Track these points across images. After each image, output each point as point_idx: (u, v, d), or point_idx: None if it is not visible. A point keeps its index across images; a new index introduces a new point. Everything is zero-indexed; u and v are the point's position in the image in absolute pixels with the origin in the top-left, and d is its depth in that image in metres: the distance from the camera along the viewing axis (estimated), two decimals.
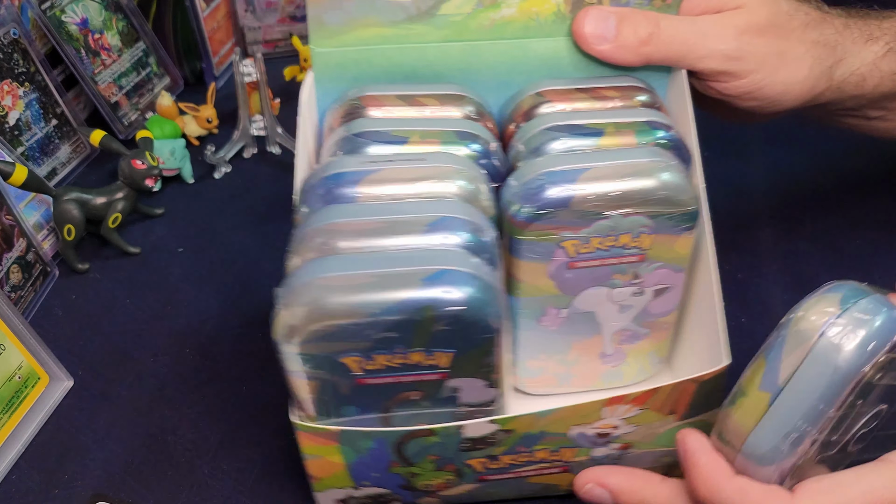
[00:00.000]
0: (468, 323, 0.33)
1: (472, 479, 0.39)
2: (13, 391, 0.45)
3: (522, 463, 0.39)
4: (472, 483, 0.40)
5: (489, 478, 0.39)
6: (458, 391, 0.36)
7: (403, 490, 0.40)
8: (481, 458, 0.38)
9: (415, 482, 0.39)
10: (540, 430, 0.37)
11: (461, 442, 0.36)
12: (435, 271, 0.32)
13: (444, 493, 0.40)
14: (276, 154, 0.67)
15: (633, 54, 0.41)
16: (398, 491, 0.40)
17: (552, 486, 0.41)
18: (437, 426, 0.36)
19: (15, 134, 0.58)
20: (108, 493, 0.42)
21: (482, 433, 0.36)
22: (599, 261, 0.39)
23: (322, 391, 0.35)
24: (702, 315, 0.42)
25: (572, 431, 0.37)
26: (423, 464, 0.38)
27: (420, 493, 0.40)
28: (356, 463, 0.38)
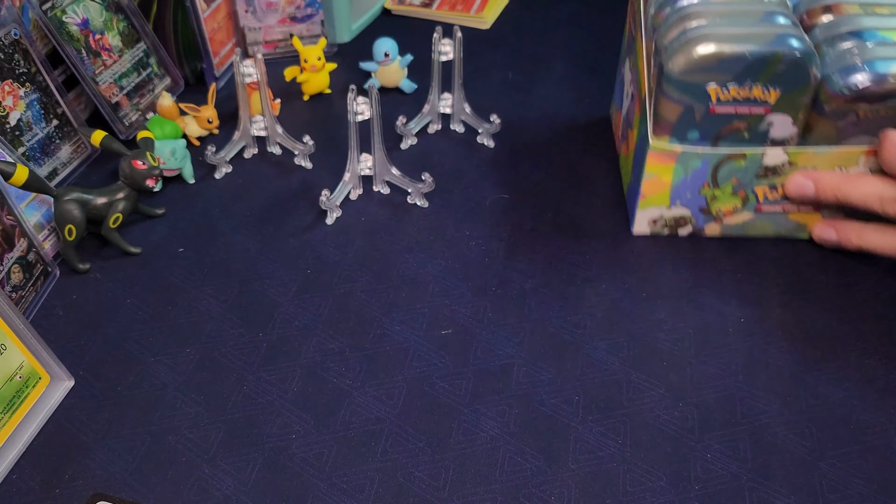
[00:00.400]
0: (799, 67, 0.49)
1: (751, 208, 0.56)
2: (14, 391, 0.45)
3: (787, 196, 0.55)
4: (751, 212, 0.56)
5: (764, 208, 0.56)
6: (771, 126, 0.52)
7: (700, 213, 0.56)
8: (766, 187, 0.54)
9: (712, 205, 0.56)
10: (812, 165, 0.53)
11: (758, 168, 0.53)
12: (783, 32, 0.49)
13: (727, 221, 0.57)
14: (276, 154, 0.68)
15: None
16: (696, 213, 0.57)
17: (802, 224, 0.57)
18: (748, 149, 0.53)
19: (16, 134, 0.58)
20: (109, 493, 0.42)
21: (775, 162, 0.53)
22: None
23: (683, 115, 0.51)
24: None
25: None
26: (724, 187, 0.55)
27: (710, 218, 0.57)
28: (679, 184, 0.55)
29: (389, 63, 0.73)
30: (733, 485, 0.42)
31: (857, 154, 0.52)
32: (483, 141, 0.68)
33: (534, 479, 0.43)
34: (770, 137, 0.52)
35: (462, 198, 0.62)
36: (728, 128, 0.52)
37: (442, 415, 0.46)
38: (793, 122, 0.51)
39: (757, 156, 0.53)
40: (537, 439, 0.45)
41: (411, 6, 0.89)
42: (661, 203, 0.56)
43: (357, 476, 0.43)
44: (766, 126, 0.51)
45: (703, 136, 0.52)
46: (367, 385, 0.48)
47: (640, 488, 0.42)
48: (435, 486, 0.42)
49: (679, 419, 0.46)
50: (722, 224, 0.57)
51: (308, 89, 0.74)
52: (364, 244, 0.58)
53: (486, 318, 0.52)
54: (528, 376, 0.48)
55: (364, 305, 0.53)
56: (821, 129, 0.52)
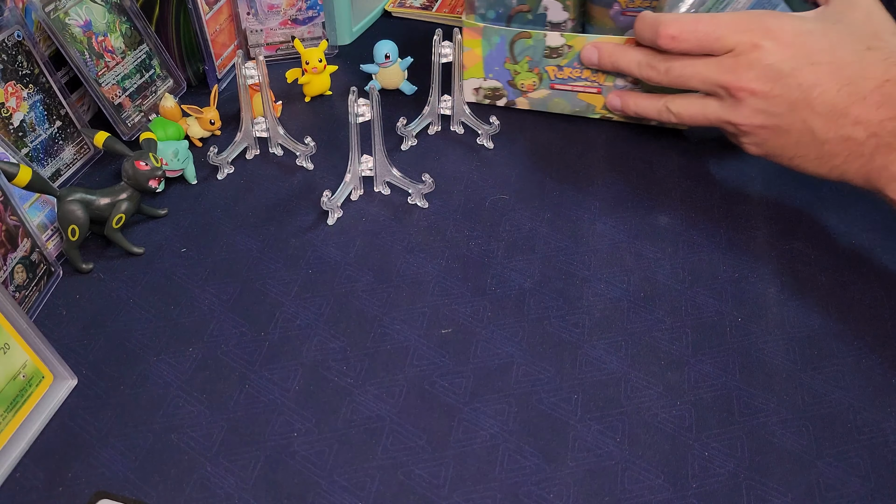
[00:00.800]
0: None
1: (546, 85, 0.68)
2: (17, 390, 0.45)
3: (576, 77, 0.66)
4: (547, 88, 0.68)
5: (557, 87, 0.68)
6: (547, 10, 0.65)
7: (509, 86, 0.69)
8: (554, 67, 0.66)
9: (516, 80, 0.69)
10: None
11: (544, 49, 0.65)
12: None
13: (531, 96, 0.69)
14: (278, 155, 0.68)
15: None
16: (506, 87, 0.70)
17: (591, 105, 0.68)
18: (532, 30, 0.65)
19: (19, 135, 0.59)
20: (112, 491, 0.43)
21: (556, 44, 0.65)
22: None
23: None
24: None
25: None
26: (522, 63, 0.67)
27: (517, 92, 0.69)
28: (488, 57, 0.68)
29: (390, 65, 0.73)
30: (731, 483, 0.42)
31: (622, 42, 0.63)
32: (483, 142, 0.69)
33: (533, 476, 0.43)
34: (548, 20, 0.66)
35: (462, 198, 0.63)
36: (516, 9, 0.66)
37: (442, 413, 0.46)
38: (562, 7, 0.65)
39: (540, 36, 0.65)
40: (536, 437, 0.45)
41: (412, 8, 0.89)
42: (478, 74, 0.70)
43: (358, 474, 0.43)
44: (543, 10, 0.65)
45: (498, 15, 0.67)
46: (368, 384, 0.48)
47: (638, 486, 0.43)
48: (435, 484, 0.43)
49: (677, 417, 0.46)
50: (528, 98, 0.70)
51: (309, 91, 0.74)
52: (365, 244, 0.58)
53: (486, 318, 0.52)
54: (528, 375, 0.49)
55: (365, 305, 0.53)
56: (598, 18, 0.66)
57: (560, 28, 0.66)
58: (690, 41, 0.56)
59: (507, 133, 0.69)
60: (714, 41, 0.55)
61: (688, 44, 0.56)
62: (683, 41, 0.56)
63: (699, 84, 0.57)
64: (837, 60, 0.52)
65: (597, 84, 0.66)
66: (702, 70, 0.56)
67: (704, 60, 0.56)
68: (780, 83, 0.53)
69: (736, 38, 0.54)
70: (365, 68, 0.75)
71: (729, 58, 0.54)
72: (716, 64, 0.55)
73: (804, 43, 0.53)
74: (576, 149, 0.68)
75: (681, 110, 0.60)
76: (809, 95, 0.52)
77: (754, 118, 0.55)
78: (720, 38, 0.55)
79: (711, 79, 0.56)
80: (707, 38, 0.55)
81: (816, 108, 0.52)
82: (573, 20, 0.66)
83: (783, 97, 0.53)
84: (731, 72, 0.54)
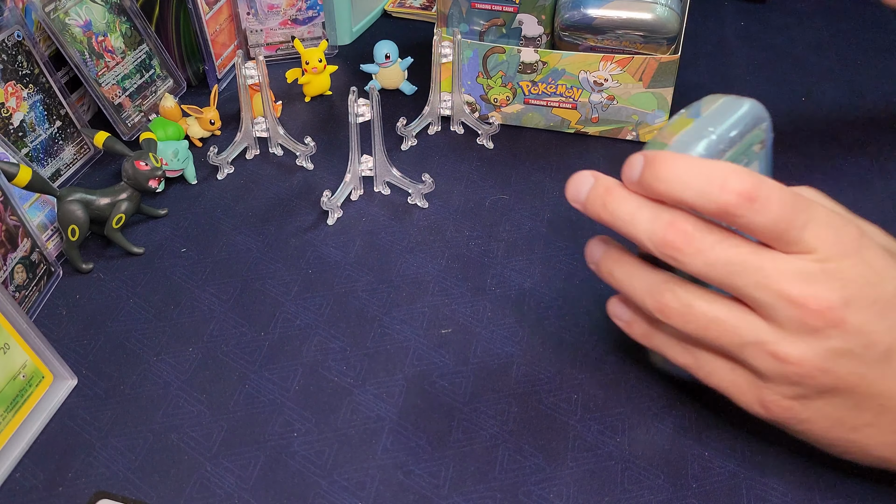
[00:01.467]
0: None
1: (520, 100, 0.67)
2: (17, 390, 0.45)
3: (550, 93, 0.66)
4: (520, 104, 0.68)
5: (531, 101, 0.67)
6: (522, 24, 0.64)
7: (482, 100, 0.69)
8: (527, 82, 0.66)
9: (489, 94, 0.68)
10: (562, 67, 0.64)
11: (518, 64, 0.65)
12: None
13: (504, 110, 0.69)
14: (278, 155, 0.68)
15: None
16: (479, 101, 0.69)
17: (566, 120, 0.68)
18: (506, 46, 0.65)
19: (19, 135, 0.59)
20: (112, 491, 0.43)
21: (530, 60, 0.65)
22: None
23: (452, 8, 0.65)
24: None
25: (581, 74, 0.64)
26: (495, 78, 0.67)
27: (490, 107, 0.69)
28: (461, 71, 0.67)
29: (390, 65, 0.73)
30: (731, 482, 0.42)
31: (597, 59, 0.63)
32: (482, 142, 0.69)
33: (533, 476, 0.43)
34: (523, 35, 0.65)
35: (462, 198, 0.63)
36: (490, 23, 0.65)
37: (442, 413, 0.46)
38: (538, 22, 0.64)
39: (514, 52, 0.65)
40: (536, 437, 0.45)
41: (411, 8, 0.89)
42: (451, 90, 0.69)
43: (358, 474, 0.43)
44: (518, 24, 0.64)
45: (471, 29, 0.66)
46: (368, 383, 0.48)
47: (638, 486, 0.43)
48: (435, 484, 0.43)
49: (677, 418, 0.46)
50: (501, 112, 0.69)
51: (309, 91, 0.75)
52: (365, 244, 0.58)
53: (486, 318, 0.52)
54: (527, 375, 0.49)
55: (365, 305, 0.53)
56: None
57: (534, 43, 0.65)
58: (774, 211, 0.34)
59: (507, 133, 0.69)
60: (801, 227, 0.34)
61: (767, 215, 0.34)
62: (764, 209, 0.34)
63: (749, 287, 0.35)
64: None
65: (572, 100, 0.66)
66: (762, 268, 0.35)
67: (770, 257, 0.35)
68: (879, 315, 0.35)
69: (827, 236, 0.35)
70: (365, 68, 0.75)
71: (811, 262, 0.34)
72: (785, 266, 0.35)
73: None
74: (575, 149, 0.68)
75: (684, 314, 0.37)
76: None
77: (828, 361, 0.35)
78: (811, 225, 0.34)
79: (772, 285, 0.34)
80: (795, 218, 0.34)
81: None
82: (548, 35, 0.65)
83: (881, 335, 0.35)
84: (811, 282, 0.34)
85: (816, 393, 0.36)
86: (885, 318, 0.35)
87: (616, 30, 0.61)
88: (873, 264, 0.35)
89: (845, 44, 0.83)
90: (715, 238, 0.35)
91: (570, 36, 0.63)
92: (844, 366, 0.35)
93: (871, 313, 0.34)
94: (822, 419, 0.37)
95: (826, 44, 0.83)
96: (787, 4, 0.90)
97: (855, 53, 0.81)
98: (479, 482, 0.43)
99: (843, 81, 0.76)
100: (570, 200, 0.40)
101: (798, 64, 0.79)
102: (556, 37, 0.65)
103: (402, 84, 0.75)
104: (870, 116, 0.71)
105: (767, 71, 0.78)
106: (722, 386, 0.39)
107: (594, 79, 0.65)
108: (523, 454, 0.44)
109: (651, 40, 0.62)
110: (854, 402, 0.36)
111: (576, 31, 0.63)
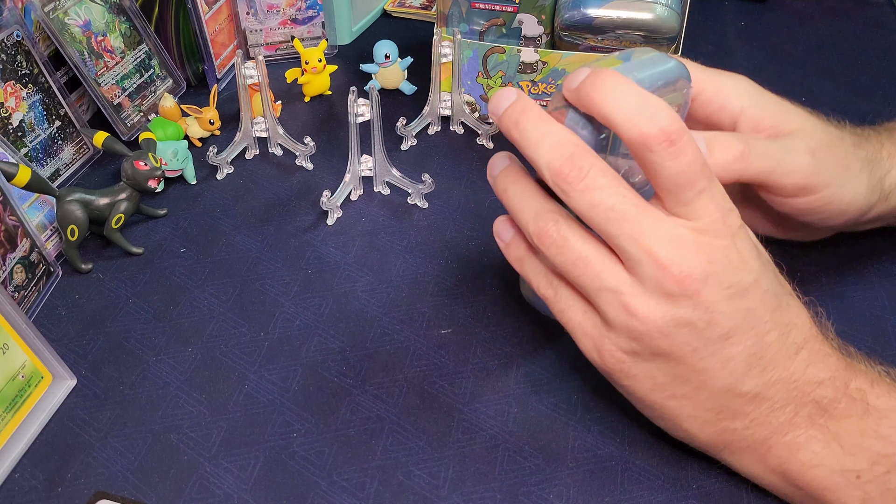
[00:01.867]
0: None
1: None
2: (16, 390, 0.45)
3: (551, 93, 0.66)
4: None
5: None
6: (521, 24, 0.64)
7: (482, 100, 0.69)
8: (528, 82, 0.66)
9: (489, 95, 0.67)
10: (562, 67, 0.64)
11: (518, 64, 0.65)
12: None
13: None
14: (277, 155, 0.68)
15: (727, 171, 0.42)
16: (479, 101, 0.69)
17: None
18: (506, 46, 0.65)
19: (18, 135, 0.59)
20: (111, 491, 0.43)
21: (530, 59, 0.65)
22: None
23: (452, 8, 0.65)
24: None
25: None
26: (495, 78, 0.67)
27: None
28: (461, 71, 0.66)
29: (390, 65, 0.73)
30: (731, 483, 0.42)
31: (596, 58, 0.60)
32: (482, 142, 0.69)
33: (533, 477, 0.43)
34: (523, 35, 0.64)
35: (462, 198, 0.63)
36: (490, 23, 0.65)
37: (442, 413, 0.46)
38: (538, 21, 0.63)
39: (514, 51, 0.65)
40: (536, 438, 0.45)
41: (411, 8, 0.89)
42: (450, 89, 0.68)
43: (357, 474, 0.43)
44: (518, 24, 0.64)
45: (471, 29, 0.66)
46: (368, 384, 0.48)
47: (638, 486, 0.42)
48: (434, 485, 0.43)
49: None
50: None
51: (309, 91, 0.74)
52: (364, 244, 0.58)
53: (486, 318, 0.52)
54: (528, 375, 0.48)
55: (364, 305, 0.53)
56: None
57: (534, 43, 0.65)
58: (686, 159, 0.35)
59: None
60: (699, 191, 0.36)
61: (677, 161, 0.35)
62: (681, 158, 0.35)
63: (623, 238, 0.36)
64: (778, 296, 0.38)
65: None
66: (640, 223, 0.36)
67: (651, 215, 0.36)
68: (732, 298, 0.36)
69: (713, 211, 0.36)
70: (365, 68, 0.75)
71: (688, 230, 0.36)
72: (665, 227, 0.36)
73: (761, 261, 0.38)
74: None
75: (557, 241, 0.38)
76: (753, 328, 0.37)
77: (671, 326, 0.36)
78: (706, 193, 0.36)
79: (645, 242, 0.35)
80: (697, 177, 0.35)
81: (753, 348, 0.37)
82: (548, 35, 0.65)
83: (727, 317, 0.36)
84: (681, 249, 0.35)
85: (650, 353, 0.37)
86: (733, 303, 0.36)
87: (616, 30, 0.61)
88: (742, 253, 0.36)
89: (846, 44, 0.83)
90: (606, 182, 0.36)
91: (570, 36, 0.63)
92: (684, 336, 0.36)
93: (724, 295, 0.36)
94: (647, 379, 0.39)
95: (826, 44, 0.83)
96: (787, 4, 0.90)
97: (855, 53, 0.81)
98: (478, 483, 0.43)
99: (843, 81, 0.76)
100: (490, 113, 0.41)
101: (798, 64, 0.79)
102: (556, 37, 0.65)
103: (402, 84, 0.75)
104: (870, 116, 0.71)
105: (768, 71, 0.78)
106: (570, 325, 0.40)
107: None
108: (523, 455, 0.44)
109: (651, 40, 0.62)
110: (679, 371, 0.38)
111: (576, 31, 0.63)
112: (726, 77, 0.45)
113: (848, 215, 0.47)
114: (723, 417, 0.39)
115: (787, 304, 0.38)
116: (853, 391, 0.38)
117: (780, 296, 0.38)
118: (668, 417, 0.40)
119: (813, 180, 0.44)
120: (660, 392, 0.39)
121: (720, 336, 0.36)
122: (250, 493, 0.43)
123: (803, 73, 0.78)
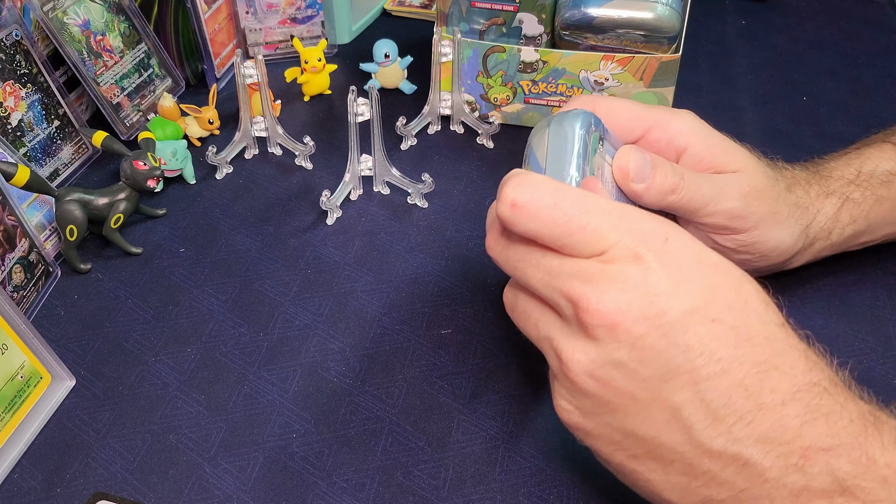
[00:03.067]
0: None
1: (520, 99, 0.67)
2: (15, 391, 0.45)
3: (551, 92, 0.66)
4: (521, 103, 0.67)
5: (531, 101, 0.67)
6: (522, 23, 0.64)
7: (482, 100, 0.69)
8: (528, 81, 0.66)
9: (489, 93, 0.68)
10: (563, 66, 0.64)
11: (518, 63, 0.65)
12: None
13: (504, 110, 0.68)
14: (276, 155, 0.68)
15: (660, 200, 0.42)
16: (479, 100, 0.69)
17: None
18: (506, 45, 0.64)
19: (17, 135, 0.59)
20: (110, 492, 0.43)
21: (530, 59, 0.64)
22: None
23: (452, 7, 0.65)
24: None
25: (581, 74, 0.64)
26: (495, 77, 0.66)
27: (491, 106, 0.69)
28: (461, 70, 0.66)
29: (389, 64, 0.73)
30: None
31: (597, 59, 0.63)
32: (482, 142, 0.68)
33: (533, 477, 0.43)
34: (523, 34, 0.64)
35: (462, 198, 0.62)
36: (490, 22, 0.65)
37: (442, 414, 0.46)
38: (538, 21, 0.63)
39: (514, 51, 0.64)
40: (536, 438, 0.45)
41: (411, 7, 0.89)
42: (450, 89, 0.68)
43: (357, 475, 0.43)
44: (518, 23, 0.64)
45: (471, 28, 0.66)
46: (367, 384, 0.48)
47: None
48: (434, 485, 0.43)
49: None
50: (501, 112, 0.69)
51: (308, 90, 0.74)
52: (364, 244, 0.58)
53: (486, 318, 0.52)
54: (528, 375, 0.48)
55: (364, 305, 0.53)
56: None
57: (534, 42, 0.65)
58: (541, 219, 0.34)
59: (507, 132, 0.69)
60: (577, 231, 0.34)
61: (536, 223, 0.34)
62: (531, 217, 0.34)
63: (539, 285, 0.35)
64: (747, 328, 0.33)
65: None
66: (549, 268, 0.35)
67: (557, 257, 0.35)
68: (660, 331, 0.32)
69: (615, 238, 0.33)
70: (364, 67, 0.75)
71: (595, 263, 0.33)
72: (570, 265, 0.34)
73: (711, 284, 0.33)
74: None
75: (512, 303, 0.39)
76: (697, 369, 0.32)
77: (599, 369, 0.33)
78: (590, 228, 0.33)
79: (556, 284, 0.34)
80: (569, 222, 0.34)
81: (706, 393, 0.31)
82: (548, 34, 0.65)
83: (658, 354, 0.32)
84: (589, 282, 0.33)
85: (594, 404, 0.34)
86: (667, 337, 0.31)
87: (617, 29, 0.61)
88: (673, 276, 0.32)
89: (846, 43, 0.83)
90: (513, 240, 0.36)
91: (571, 35, 0.63)
92: (617, 380, 0.33)
93: (650, 327, 0.32)
94: (602, 437, 0.35)
95: (827, 43, 0.83)
96: (788, 3, 0.90)
97: (856, 52, 0.81)
98: (478, 483, 0.43)
99: (844, 81, 0.76)
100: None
101: (799, 63, 0.79)
102: (556, 36, 0.65)
103: (402, 83, 0.75)
104: (871, 116, 0.71)
105: (768, 70, 0.78)
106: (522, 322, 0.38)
107: (595, 78, 0.64)
108: (523, 455, 0.44)
109: (652, 39, 0.61)
110: (628, 424, 0.33)
111: (576, 31, 0.62)
112: (672, 114, 0.45)
113: (771, 259, 0.48)
114: (700, 484, 0.32)
115: (765, 341, 0.32)
116: (882, 468, 0.31)
117: (752, 328, 0.32)
118: (640, 485, 0.35)
119: (737, 223, 0.45)
120: (621, 452, 0.34)
121: (658, 377, 0.32)
122: (249, 493, 0.42)
123: (804, 72, 0.78)
